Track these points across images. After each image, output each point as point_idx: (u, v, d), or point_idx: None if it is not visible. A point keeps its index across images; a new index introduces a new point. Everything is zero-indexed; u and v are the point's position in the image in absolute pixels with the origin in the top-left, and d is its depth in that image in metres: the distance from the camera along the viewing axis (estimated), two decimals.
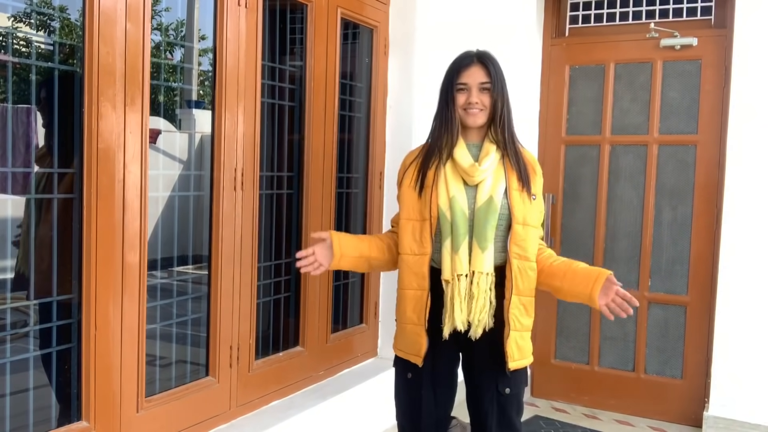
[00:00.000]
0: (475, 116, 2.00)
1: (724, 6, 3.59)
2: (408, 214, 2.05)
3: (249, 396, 2.62)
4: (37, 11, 2.03)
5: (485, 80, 2.00)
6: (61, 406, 2.10)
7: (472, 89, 2.00)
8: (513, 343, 2.00)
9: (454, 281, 1.96)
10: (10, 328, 2.07)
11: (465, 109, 2.01)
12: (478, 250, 1.95)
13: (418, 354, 2.03)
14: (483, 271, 1.95)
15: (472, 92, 2.00)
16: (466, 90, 2.01)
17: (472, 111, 2.00)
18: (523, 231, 1.99)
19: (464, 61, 2.04)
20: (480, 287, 1.95)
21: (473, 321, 1.97)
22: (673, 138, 3.72)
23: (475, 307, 1.96)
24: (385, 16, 3.36)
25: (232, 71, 2.43)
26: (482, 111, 2.00)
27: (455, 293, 1.96)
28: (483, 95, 2.00)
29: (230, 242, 2.48)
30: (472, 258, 1.96)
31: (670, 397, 3.74)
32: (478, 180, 1.98)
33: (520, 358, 2.03)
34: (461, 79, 2.02)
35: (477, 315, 1.96)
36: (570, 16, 4.01)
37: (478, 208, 1.96)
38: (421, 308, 2.00)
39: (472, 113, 2.00)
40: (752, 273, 3.39)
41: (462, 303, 1.96)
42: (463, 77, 2.02)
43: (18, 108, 2.07)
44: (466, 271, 1.95)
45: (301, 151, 2.91)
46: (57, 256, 2.03)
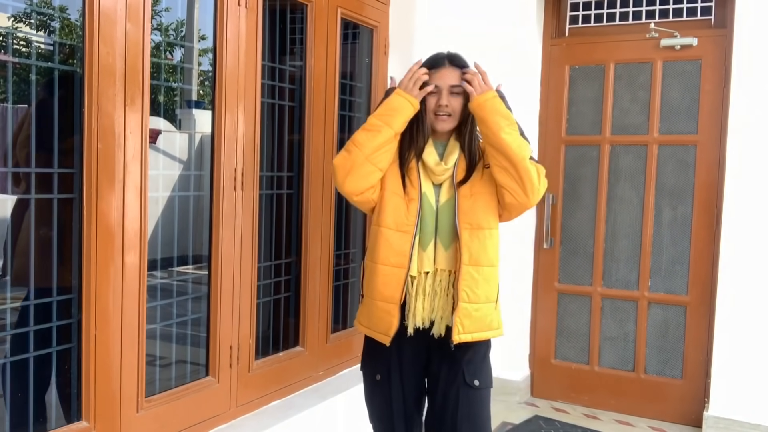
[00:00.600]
0: (443, 122, 1.99)
1: (724, 6, 3.59)
2: (393, 188, 1.99)
3: (249, 396, 2.62)
4: (37, 11, 2.03)
5: (456, 83, 1.97)
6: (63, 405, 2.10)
7: (442, 92, 1.97)
8: (463, 316, 1.94)
9: (419, 278, 1.96)
10: (10, 328, 2.07)
11: (435, 114, 1.99)
12: (441, 248, 1.96)
13: (387, 333, 1.99)
14: (446, 268, 1.96)
15: (443, 95, 1.97)
16: (437, 93, 1.98)
17: (441, 117, 1.98)
18: (470, 201, 1.96)
19: (436, 62, 2.01)
20: (442, 285, 1.96)
21: (435, 318, 1.97)
22: (673, 138, 3.71)
23: (437, 304, 1.97)
24: (385, 16, 3.36)
25: (232, 71, 2.43)
26: (451, 117, 1.99)
27: (419, 290, 1.96)
28: (453, 99, 1.98)
29: (230, 242, 2.48)
30: (437, 256, 1.97)
31: (670, 397, 3.74)
32: (442, 179, 1.98)
33: (475, 330, 1.98)
34: (432, 81, 1.98)
35: (439, 312, 1.96)
36: (570, 16, 4.01)
37: (440, 207, 1.98)
38: (396, 286, 1.96)
39: (441, 119, 1.99)
40: (752, 273, 3.39)
41: (425, 300, 1.96)
42: (435, 78, 1.98)
43: (18, 108, 2.07)
44: (432, 268, 1.96)
45: (301, 151, 2.91)
46: (57, 255, 2.03)
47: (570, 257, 3.93)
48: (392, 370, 2.04)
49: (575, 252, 3.91)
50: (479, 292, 1.97)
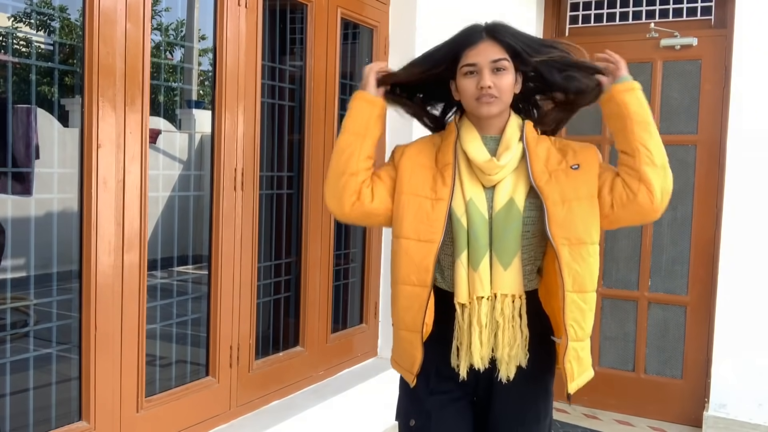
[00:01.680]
0: (489, 105, 1.58)
1: (724, 6, 3.59)
2: (415, 187, 1.61)
3: (249, 396, 2.62)
4: (37, 11, 2.03)
5: (501, 56, 1.59)
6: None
7: (483, 71, 1.58)
8: (573, 358, 1.57)
9: (472, 305, 1.56)
10: (10, 328, 2.07)
11: (477, 99, 1.58)
12: (499, 266, 1.56)
13: (410, 370, 1.65)
14: (507, 292, 1.56)
15: (484, 74, 1.57)
16: (476, 72, 1.59)
17: (484, 100, 1.58)
18: (564, 209, 1.56)
19: (471, 38, 1.63)
20: (505, 314, 1.56)
21: (501, 357, 1.57)
22: (673, 138, 3.71)
23: (502, 339, 1.56)
24: (385, 16, 3.35)
25: (232, 71, 2.43)
26: (498, 99, 1.58)
27: (473, 320, 1.56)
28: (498, 77, 1.58)
29: (230, 242, 2.48)
30: (494, 277, 1.57)
31: (670, 397, 3.74)
32: (497, 179, 1.59)
33: (581, 373, 1.62)
34: (467, 59, 1.60)
35: (507, 349, 1.57)
36: (570, 16, 4.01)
37: (496, 214, 1.57)
38: (418, 309, 1.58)
39: (485, 102, 1.58)
40: (752, 273, 3.39)
41: (483, 333, 1.56)
42: (469, 57, 1.60)
43: (18, 108, 2.07)
44: (488, 293, 1.56)
45: (301, 151, 2.91)
46: (57, 255, 2.03)
47: None
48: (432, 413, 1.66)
49: None
50: (586, 326, 1.58)
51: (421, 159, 1.65)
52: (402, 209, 1.61)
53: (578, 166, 1.62)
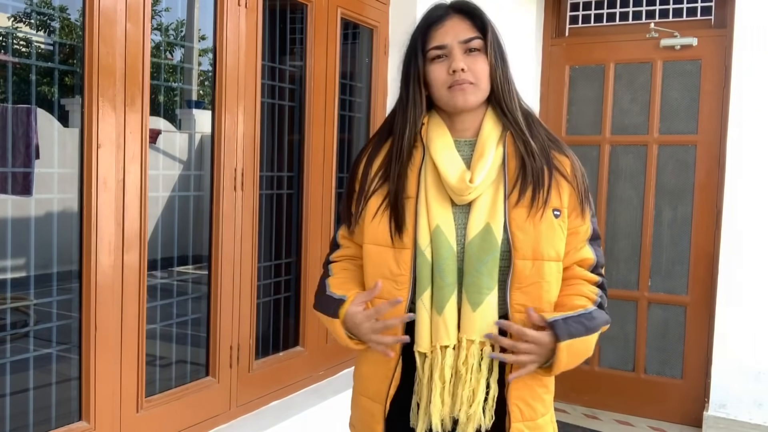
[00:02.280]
0: (465, 93, 1.32)
1: (724, 6, 3.59)
2: (373, 236, 1.36)
3: (249, 396, 2.62)
4: (37, 11, 2.03)
5: (472, 35, 1.34)
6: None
7: (453, 52, 1.32)
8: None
9: (435, 355, 1.29)
10: (10, 328, 2.07)
11: (450, 87, 1.32)
12: (468, 307, 1.29)
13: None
14: (475, 338, 1.28)
15: (455, 56, 1.32)
16: (446, 55, 1.33)
17: (459, 86, 1.31)
18: (531, 270, 1.28)
19: (435, 14, 1.38)
20: (468, 363, 1.28)
21: (460, 416, 1.30)
22: (673, 138, 3.72)
23: (462, 393, 1.28)
24: (385, 16, 3.35)
25: (232, 71, 2.43)
26: (475, 85, 1.32)
27: (435, 374, 1.29)
28: (473, 59, 1.33)
29: (230, 242, 2.48)
30: (462, 320, 1.29)
31: (670, 397, 3.74)
32: (470, 198, 1.31)
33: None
34: (434, 41, 1.34)
35: (465, 407, 1.29)
36: (570, 16, 4.01)
37: (468, 243, 1.29)
38: (382, 379, 1.37)
39: (460, 88, 1.31)
40: (752, 273, 3.39)
41: (445, 389, 1.29)
42: (437, 38, 1.34)
43: (18, 108, 2.07)
44: (453, 340, 1.29)
45: (301, 151, 2.91)
46: (57, 255, 2.03)
47: None
48: None
49: None
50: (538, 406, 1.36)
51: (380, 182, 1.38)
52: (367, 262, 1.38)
53: (560, 213, 1.33)
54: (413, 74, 1.36)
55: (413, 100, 1.36)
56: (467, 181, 1.29)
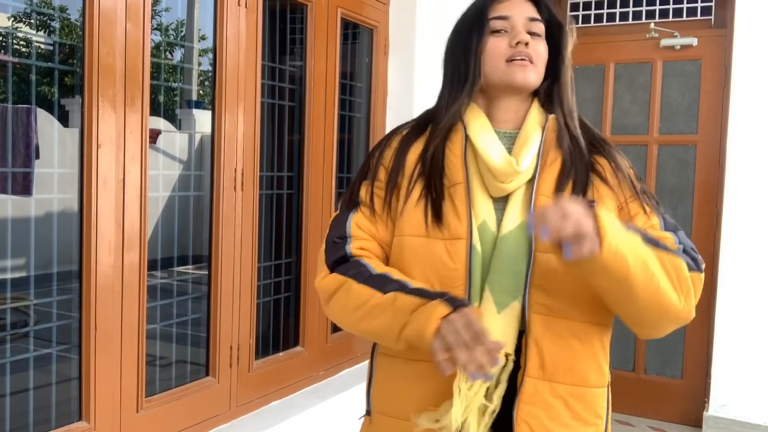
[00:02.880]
0: (524, 70, 1.18)
1: (724, 6, 3.59)
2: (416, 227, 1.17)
3: (249, 396, 2.62)
4: (37, 11, 2.04)
5: (536, 15, 1.21)
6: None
7: (517, 26, 1.19)
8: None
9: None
10: (10, 328, 2.07)
11: (510, 60, 1.18)
12: (492, 307, 1.13)
13: None
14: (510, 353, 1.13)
15: (518, 31, 1.19)
16: (507, 30, 1.20)
17: (518, 62, 1.18)
18: (556, 266, 1.12)
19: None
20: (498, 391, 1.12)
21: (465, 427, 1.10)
22: (673, 138, 3.72)
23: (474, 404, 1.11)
24: (385, 16, 3.35)
25: (232, 71, 2.43)
26: (534, 65, 1.19)
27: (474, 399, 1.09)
28: (534, 41, 1.20)
29: (230, 242, 2.48)
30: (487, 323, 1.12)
31: (670, 397, 3.74)
32: (510, 189, 1.17)
33: None
34: (495, 11, 1.20)
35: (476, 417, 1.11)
36: (570, 16, 4.01)
37: (501, 239, 1.15)
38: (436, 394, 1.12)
39: (519, 64, 1.18)
40: (752, 273, 3.39)
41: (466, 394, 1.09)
42: (498, 9, 1.21)
43: (18, 108, 2.07)
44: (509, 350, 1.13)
45: (301, 151, 2.91)
46: (57, 255, 2.03)
47: None
48: None
49: None
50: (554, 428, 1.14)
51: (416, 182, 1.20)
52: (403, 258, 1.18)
53: (595, 202, 1.15)
54: (473, 45, 1.21)
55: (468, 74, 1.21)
56: (513, 165, 1.15)
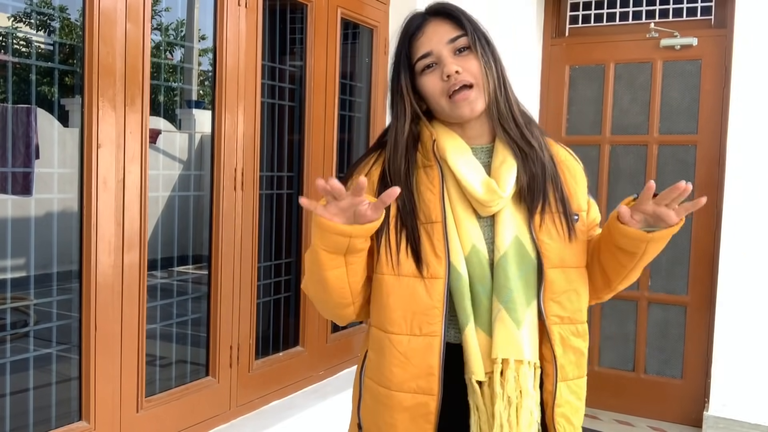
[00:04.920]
0: (468, 101, 1.21)
1: (724, 6, 3.59)
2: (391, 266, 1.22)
3: (249, 396, 2.62)
4: (37, 11, 2.03)
5: (457, 33, 1.22)
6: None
7: (442, 56, 1.21)
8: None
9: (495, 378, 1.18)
10: (10, 328, 2.07)
11: (450, 96, 1.21)
12: (509, 325, 1.18)
13: None
14: (524, 359, 1.18)
15: (445, 60, 1.21)
16: (436, 62, 1.22)
17: (460, 93, 1.20)
18: (563, 278, 1.23)
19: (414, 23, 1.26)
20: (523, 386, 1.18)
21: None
22: (673, 138, 3.72)
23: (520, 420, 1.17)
24: (385, 16, 3.35)
25: (232, 71, 2.43)
26: (474, 88, 1.21)
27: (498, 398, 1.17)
28: (464, 60, 1.22)
29: (230, 242, 2.48)
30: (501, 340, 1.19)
31: (670, 397, 3.74)
32: (497, 209, 1.22)
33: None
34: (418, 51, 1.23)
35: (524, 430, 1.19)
36: (570, 16, 4.01)
37: (500, 258, 1.20)
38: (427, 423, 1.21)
39: (462, 96, 1.20)
40: (752, 273, 3.39)
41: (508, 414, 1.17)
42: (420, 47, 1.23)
43: (18, 108, 2.07)
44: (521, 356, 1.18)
45: (301, 151, 2.91)
46: (57, 255, 2.03)
47: None
48: None
49: None
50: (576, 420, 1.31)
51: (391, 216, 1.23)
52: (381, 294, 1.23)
53: (577, 216, 1.28)
54: (403, 85, 1.25)
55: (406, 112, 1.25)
56: (496, 191, 1.20)
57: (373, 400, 1.30)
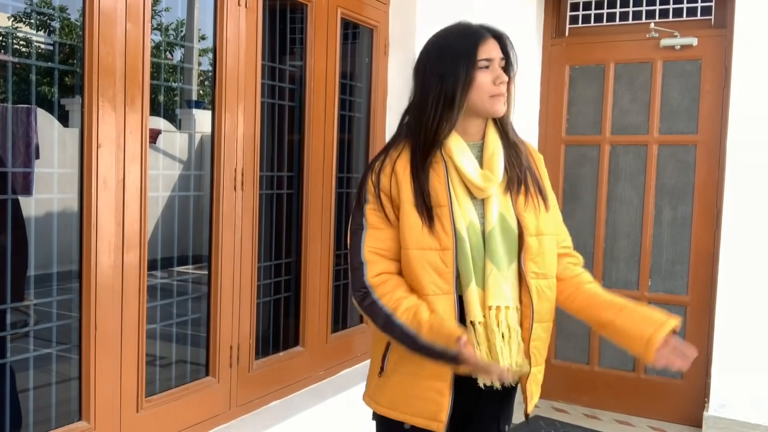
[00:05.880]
0: (501, 103, 1.56)
1: (724, 6, 3.59)
2: (417, 242, 1.54)
3: (249, 396, 2.62)
4: (37, 11, 2.03)
5: (504, 56, 1.58)
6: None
7: (497, 67, 1.55)
8: (533, 381, 1.64)
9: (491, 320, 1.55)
10: (11, 328, 2.07)
11: (493, 96, 1.55)
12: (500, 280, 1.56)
13: (436, 418, 1.55)
14: (510, 305, 1.56)
15: (499, 72, 1.55)
16: (489, 68, 1.54)
17: (499, 97, 1.55)
18: (538, 244, 1.59)
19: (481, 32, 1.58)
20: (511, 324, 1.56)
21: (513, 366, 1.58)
22: (673, 138, 3.71)
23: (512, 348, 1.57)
24: (385, 16, 3.35)
25: (232, 71, 2.43)
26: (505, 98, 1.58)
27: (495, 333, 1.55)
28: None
29: (230, 242, 2.48)
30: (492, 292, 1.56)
31: (670, 397, 3.74)
32: (490, 193, 1.57)
33: (538, 391, 1.70)
34: (483, 53, 1.54)
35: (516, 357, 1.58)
36: (570, 16, 4.01)
37: (490, 232, 1.56)
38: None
39: (499, 99, 1.55)
40: (752, 273, 3.39)
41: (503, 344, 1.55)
42: (485, 51, 1.54)
43: (18, 108, 2.07)
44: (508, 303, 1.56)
45: (301, 151, 2.91)
46: (57, 255, 2.03)
47: None
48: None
49: None
50: (545, 352, 1.67)
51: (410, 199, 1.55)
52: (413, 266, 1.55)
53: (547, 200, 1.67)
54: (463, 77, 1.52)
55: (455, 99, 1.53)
56: (491, 179, 1.55)
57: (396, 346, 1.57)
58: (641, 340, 1.55)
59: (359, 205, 1.62)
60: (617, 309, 1.62)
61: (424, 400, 1.56)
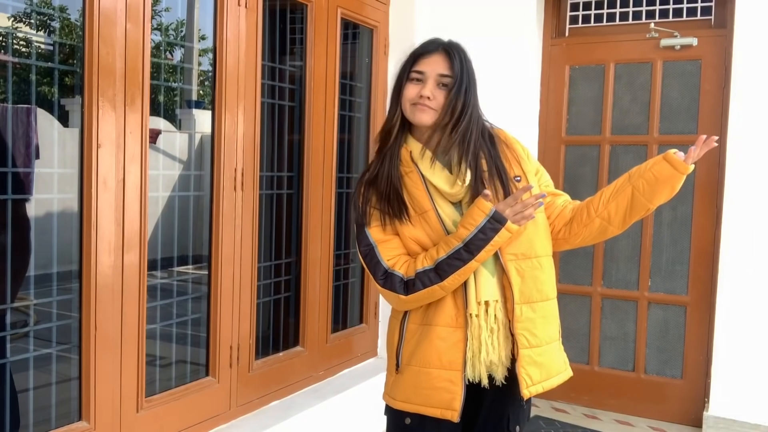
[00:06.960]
0: (422, 112, 1.61)
1: (724, 6, 3.59)
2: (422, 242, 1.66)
3: (249, 396, 2.62)
4: (37, 11, 2.04)
5: (447, 73, 1.61)
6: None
7: (428, 81, 1.61)
8: (527, 364, 1.64)
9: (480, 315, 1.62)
10: (11, 328, 2.07)
11: (413, 104, 1.62)
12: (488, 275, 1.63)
13: (450, 406, 1.61)
14: (498, 298, 1.63)
15: (427, 84, 1.61)
16: (422, 80, 1.62)
17: (420, 106, 1.61)
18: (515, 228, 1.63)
19: (427, 47, 1.65)
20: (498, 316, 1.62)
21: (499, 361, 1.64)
22: (673, 138, 3.71)
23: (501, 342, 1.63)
24: (385, 16, 3.36)
25: (232, 71, 2.43)
26: (432, 110, 1.62)
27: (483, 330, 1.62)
28: (439, 91, 1.62)
29: (230, 242, 2.48)
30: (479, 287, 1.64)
31: (670, 397, 3.74)
32: (462, 195, 1.65)
33: (544, 379, 1.69)
34: (418, 66, 1.63)
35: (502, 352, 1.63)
36: (570, 16, 4.01)
37: None
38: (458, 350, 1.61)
39: (420, 108, 1.61)
40: (752, 273, 3.39)
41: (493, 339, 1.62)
42: (422, 65, 1.62)
43: (18, 108, 2.07)
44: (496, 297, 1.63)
45: (301, 151, 2.91)
46: (57, 255, 2.03)
47: (570, 257, 3.93)
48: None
49: (575, 252, 3.91)
50: (540, 333, 1.67)
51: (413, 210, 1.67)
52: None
53: (519, 177, 1.69)
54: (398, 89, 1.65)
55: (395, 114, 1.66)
56: (460, 186, 1.63)
57: (416, 338, 1.66)
58: (668, 171, 1.85)
59: (360, 227, 1.69)
60: (625, 182, 1.88)
61: (437, 390, 1.62)
